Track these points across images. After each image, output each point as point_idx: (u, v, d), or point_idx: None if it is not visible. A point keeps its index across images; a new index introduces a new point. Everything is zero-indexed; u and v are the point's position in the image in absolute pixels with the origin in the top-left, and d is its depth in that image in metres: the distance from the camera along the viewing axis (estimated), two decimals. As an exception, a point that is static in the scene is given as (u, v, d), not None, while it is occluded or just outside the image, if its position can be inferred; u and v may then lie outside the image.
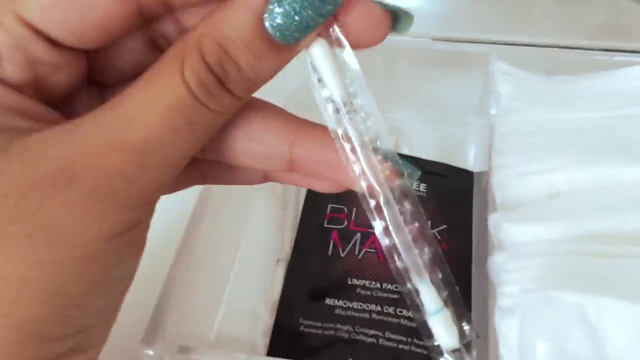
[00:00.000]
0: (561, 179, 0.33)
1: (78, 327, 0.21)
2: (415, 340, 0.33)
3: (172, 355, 0.28)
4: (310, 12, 0.19)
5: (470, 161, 0.44)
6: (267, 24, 0.19)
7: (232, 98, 0.20)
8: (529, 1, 0.42)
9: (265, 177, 0.24)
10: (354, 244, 0.37)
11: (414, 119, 0.46)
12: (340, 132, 0.20)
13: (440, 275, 0.21)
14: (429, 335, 0.21)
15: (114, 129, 0.19)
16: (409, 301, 0.21)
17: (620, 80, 0.39)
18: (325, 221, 0.38)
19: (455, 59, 0.44)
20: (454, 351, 0.21)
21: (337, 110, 0.20)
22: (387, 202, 0.20)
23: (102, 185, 0.19)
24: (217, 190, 0.35)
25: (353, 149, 0.21)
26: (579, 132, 0.36)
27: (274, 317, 0.35)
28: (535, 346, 0.27)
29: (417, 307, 0.21)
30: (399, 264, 0.21)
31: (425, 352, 0.33)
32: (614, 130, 0.36)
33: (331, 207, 0.39)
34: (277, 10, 0.18)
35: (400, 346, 0.33)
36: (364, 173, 0.21)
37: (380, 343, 0.33)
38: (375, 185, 0.21)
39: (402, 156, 0.24)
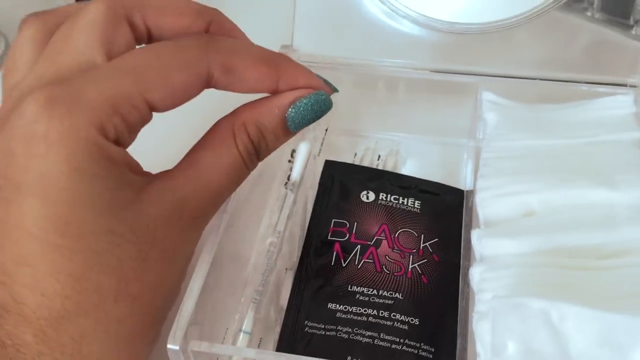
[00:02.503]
0: (536, 199, 0.37)
1: (167, 314, 0.32)
2: (407, 341, 0.38)
3: (194, 349, 0.32)
4: (313, 114, 0.32)
5: (462, 180, 0.48)
6: (289, 120, 0.32)
7: (258, 161, 0.33)
8: (517, 37, 0.47)
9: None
10: (354, 255, 0.41)
11: (411, 141, 0.50)
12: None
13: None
14: None
15: (200, 179, 0.30)
16: None
17: (597, 109, 0.43)
18: (329, 234, 0.43)
19: (449, 88, 0.48)
20: None
21: (286, 183, 0.38)
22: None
23: (195, 219, 0.30)
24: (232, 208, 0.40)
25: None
26: (555, 157, 0.40)
27: (282, 318, 0.39)
28: (506, 345, 0.32)
29: None
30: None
31: (415, 351, 0.37)
32: (587, 155, 0.40)
33: (334, 222, 0.43)
34: (294, 112, 0.32)
35: (394, 346, 0.37)
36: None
37: (375, 343, 0.37)
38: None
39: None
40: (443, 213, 0.44)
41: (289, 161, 0.38)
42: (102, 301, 0.27)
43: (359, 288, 0.40)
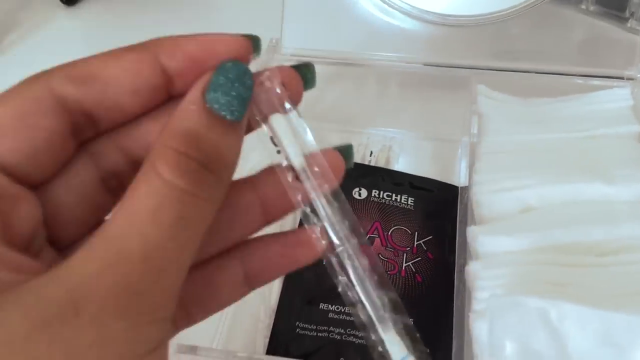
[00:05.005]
0: (532, 195, 0.36)
1: None
2: (401, 342, 0.37)
3: (181, 354, 0.31)
4: (239, 86, 0.21)
5: (456, 176, 0.47)
6: (215, 107, 0.21)
7: (216, 179, 0.21)
8: (511, 30, 0.46)
9: (249, 283, 0.24)
10: (347, 254, 0.40)
11: (404, 136, 0.49)
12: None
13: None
14: None
15: (107, 249, 0.18)
16: (373, 351, 0.21)
17: (592, 102, 0.42)
18: (321, 232, 0.42)
19: (443, 82, 0.47)
20: None
21: (297, 177, 0.23)
22: (348, 256, 0.22)
23: (110, 305, 0.18)
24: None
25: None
26: (551, 152, 0.39)
27: (272, 320, 0.38)
28: (504, 346, 0.31)
29: (383, 356, 0.22)
30: (361, 315, 0.22)
31: (410, 352, 0.36)
32: (585, 150, 0.39)
33: (326, 220, 0.42)
34: (216, 94, 0.21)
35: (388, 347, 0.36)
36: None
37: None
38: (335, 240, 0.23)
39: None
40: (437, 210, 0.43)
41: (277, 152, 0.24)
42: None
43: (351, 288, 0.39)
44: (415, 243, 0.41)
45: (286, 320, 0.38)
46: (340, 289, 0.22)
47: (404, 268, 0.40)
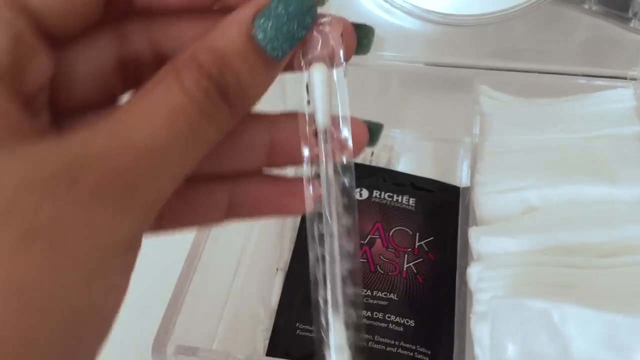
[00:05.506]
0: (535, 195, 0.36)
1: (74, 354, 0.18)
2: (402, 343, 0.36)
3: (180, 356, 0.31)
4: (295, 24, 0.20)
5: (458, 176, 0.47)
6: (259, 36, 0.19)
7: (229, 112, 0.20)
8: (513, 30, 0.46)
9: (229, 212, 0.23)
10: (348, 254, 0.40)
11: (405, 136, 0.49)
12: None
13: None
14: None
15: (114, 134, 0.18)
16: (316, 334, 0.21)
17: (595, 103, 0.42)
18: (322, 233, 0.41)
19: (445, 82, 0.47)
20: None
21: (315, 134, 0.21)
22: (330, 234, 0.21)
23: (109, 187, 0.17)
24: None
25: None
26: (554, 152, 0.39)
27: (272, 321, 0.38)
28: (506, 347, 0.30)
29: (322, 340, 0.21)
30: (318, 295, 0.21)
31: (411, 354, 0.36)
32: (586, 151, 0.39)
33: (327, 220, 0.42)
34: (267, 23, 0.19)
35: (389, 349, 0.36)
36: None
37: (370, 346, 0.36)
38: (326, 212, 0.21)
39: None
40: (438, 210, 0.43)
41: (307, 102, 0.22)
42: None
43: (352, 288, 0.39)
44: (417, 244, 0.41)
45: (286, 321, 0.38)
46: (310, 258, 0.20)
47: (405, 269, 0.39)
